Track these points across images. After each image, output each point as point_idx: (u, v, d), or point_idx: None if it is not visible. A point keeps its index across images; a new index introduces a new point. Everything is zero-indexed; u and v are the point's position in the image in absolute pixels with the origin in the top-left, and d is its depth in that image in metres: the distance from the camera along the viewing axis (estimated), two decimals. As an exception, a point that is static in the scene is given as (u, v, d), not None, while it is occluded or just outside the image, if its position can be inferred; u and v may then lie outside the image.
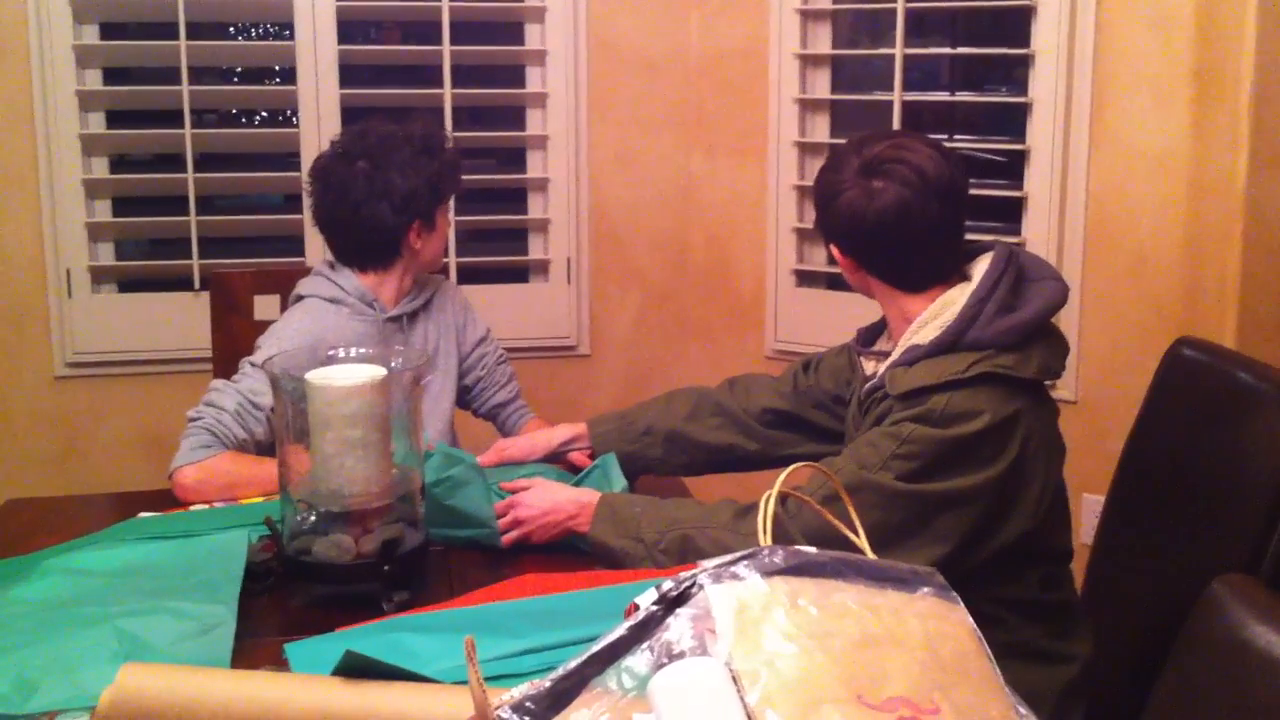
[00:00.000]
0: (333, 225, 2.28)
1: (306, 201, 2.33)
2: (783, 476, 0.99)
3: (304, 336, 2.16)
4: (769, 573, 0.94)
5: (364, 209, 2.22)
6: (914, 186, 1.77)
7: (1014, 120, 3.16)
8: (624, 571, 1.72)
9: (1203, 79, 2.84)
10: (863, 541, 1.03)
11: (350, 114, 3.33)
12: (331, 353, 1.75)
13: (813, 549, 0.94)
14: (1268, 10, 2.62)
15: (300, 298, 2.29)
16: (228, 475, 2.04)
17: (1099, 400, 3.09)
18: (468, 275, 3.47)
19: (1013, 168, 3.17)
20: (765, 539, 0.98)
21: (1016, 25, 3.10)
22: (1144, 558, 1.99)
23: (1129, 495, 2.06)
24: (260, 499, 1.98)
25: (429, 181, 2.27)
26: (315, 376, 1.62)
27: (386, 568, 1.61)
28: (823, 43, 3.43)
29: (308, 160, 3.30)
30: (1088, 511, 3.09)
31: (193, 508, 1.98)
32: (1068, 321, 3.10)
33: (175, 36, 3.19)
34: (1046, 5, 3.02)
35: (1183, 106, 2.89)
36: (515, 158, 3.60)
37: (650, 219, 3.59)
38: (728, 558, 0.92)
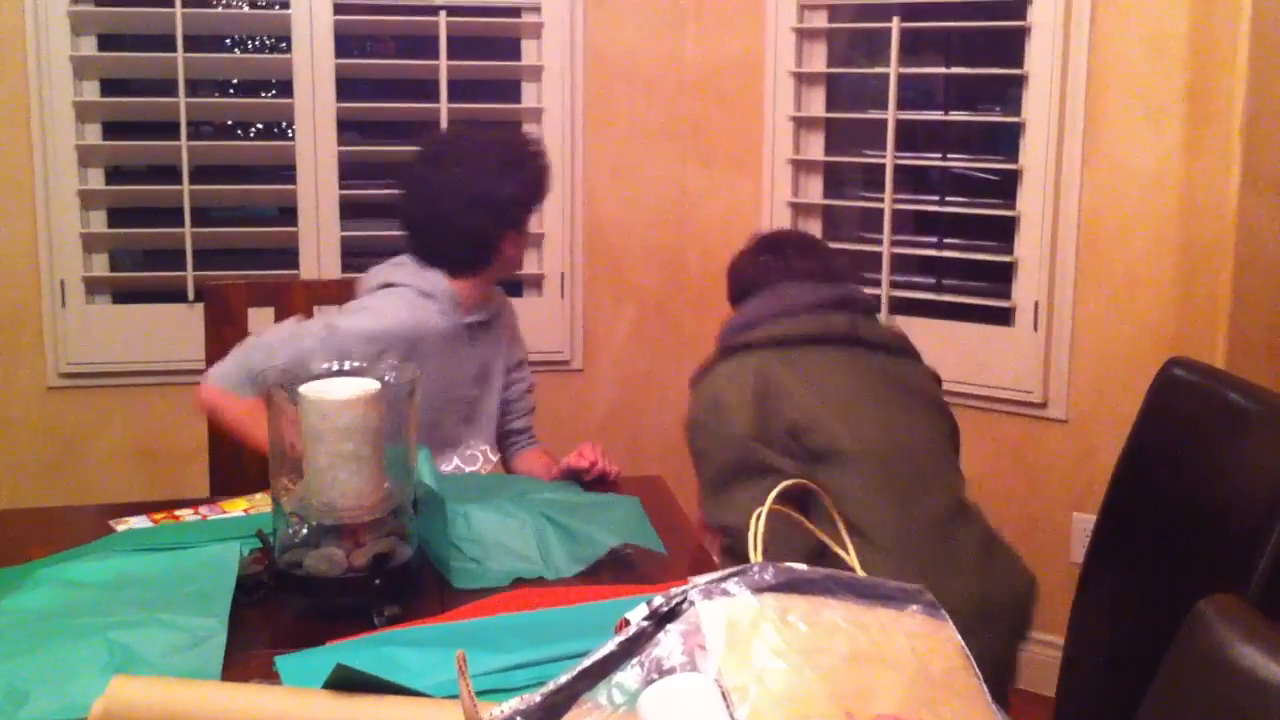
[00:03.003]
0: (425, 231, 2.28)
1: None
2: (773, 495, 1.00)
3: (406, 326, 2.20)
4: (759, 589, 0.94)
5: (462, 217, 2.23)
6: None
7: (1007, 139, 3.17)
8: (614, 587, 1.72)
9: (1195, 99, 2.86)
10: (852, 559, 1.04)
11: (346, 127, 3.35)
12: (325, 366, 1.76)
13: (803, 565, 0.95)
14: (1260, 31, 2.63)
15: (391, 284, 2.28)
16: (237, 420, 2.14)
17: (1090, 419, 3.11)
18: (462, 289, 3.48)
19: (1006, 187, 3.19)
20: (756, 555, 0.98)
21: (1011, 45, 3.12)
22: (1135, 576, 2.00)
23: (1120, 515, 2.06)
24: (244, 508, 1.99)
25: (524, 188, 2.28)
26: (309, 390, 1.62)
27: (377, 581, 1.62)
28: (818, 61, 3.44)
29: (303, 173, 3.32)
30: (1078, 530, 3.10)
31: (184, 519, 1.98)
32: (1060, 340, 3.11)
33: (173, 48, 3.20)
34: (1041, 25, 3.04)
35: (1175, 126, 2.90)
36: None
37: (645, 233, 3.60)
38: (717, 574, 0.93)
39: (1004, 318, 3.22)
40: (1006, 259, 3.18)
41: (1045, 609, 3.20)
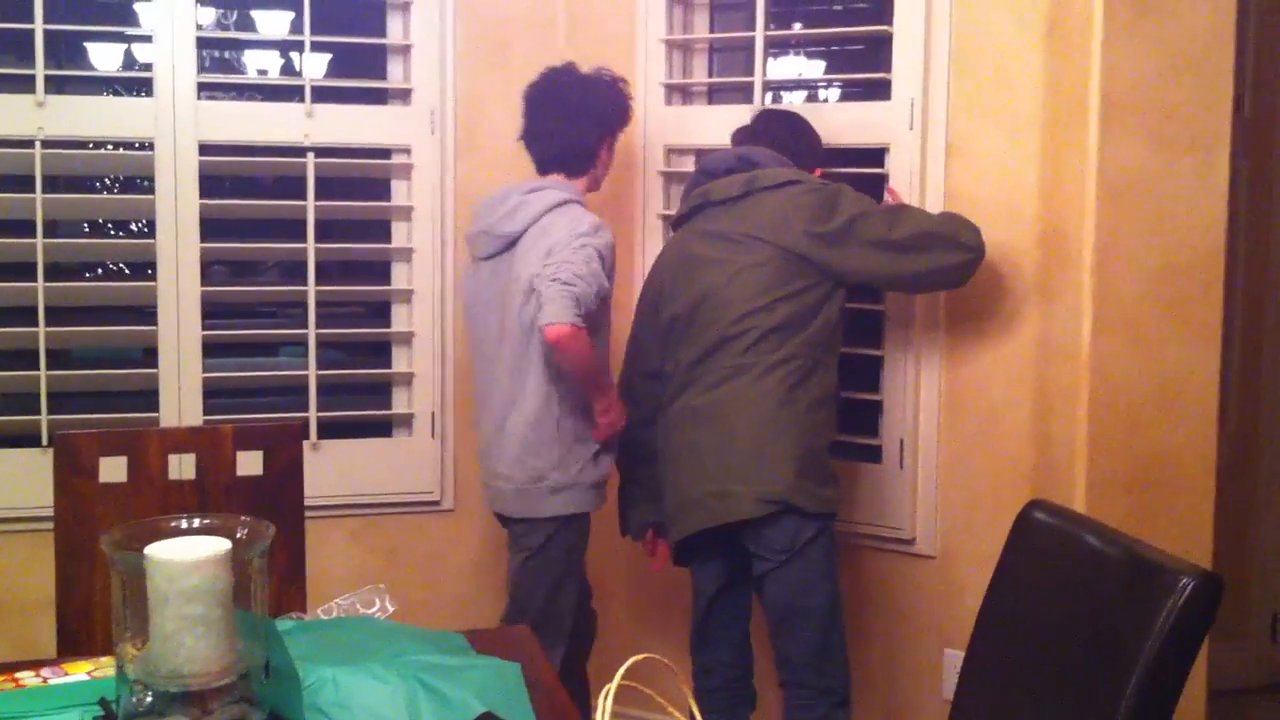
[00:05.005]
0: (549, 133, 3.02)
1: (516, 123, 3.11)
2: (623, 670, 0.98)
3: (610, 231, 2.93)
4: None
5: (576, 120, 2.99)
6: None
7: (875, 293, 3.21)
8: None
9: (1047, 245, 2.95)
10: (706, 733, 1.02)
11: (209, 266, 3.30)
12: (174, 524, 1.70)
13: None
14: (1107, 177, 2.75)
15: (566, 202, 2.96)
16: (589, 351, 2.80)
17: (958, 556, 3.14)
18: (329, 429, 3.42)
19: (873, 334, 3.24)
20: (606, 733, 0.96)
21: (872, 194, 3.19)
22: (1001, 717, 2.00)
23: (986, 654, 2.07)
24: (88, 671, 1.89)
25: (616, 108, 3.05)
26: (155, 551, 1.56)
27: (226, 751, 1.55)
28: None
29: (165, 313, 3.24)
30: (949, 667, 3.11)
31: (24, 682, 1.88)
32: (926, 477, 3.15)
33: (31, 189, 3.14)
34: (898, 175, 3.12)
35: (1030, 271, 2.99)
36: (381, 311, 3.59)
37: (516, 373, 3.58)
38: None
39: (872, 454, 3.26)
40: (873, 397, 3.23)
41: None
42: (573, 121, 2.99)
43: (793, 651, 2.83)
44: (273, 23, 3.50)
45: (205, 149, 3.27)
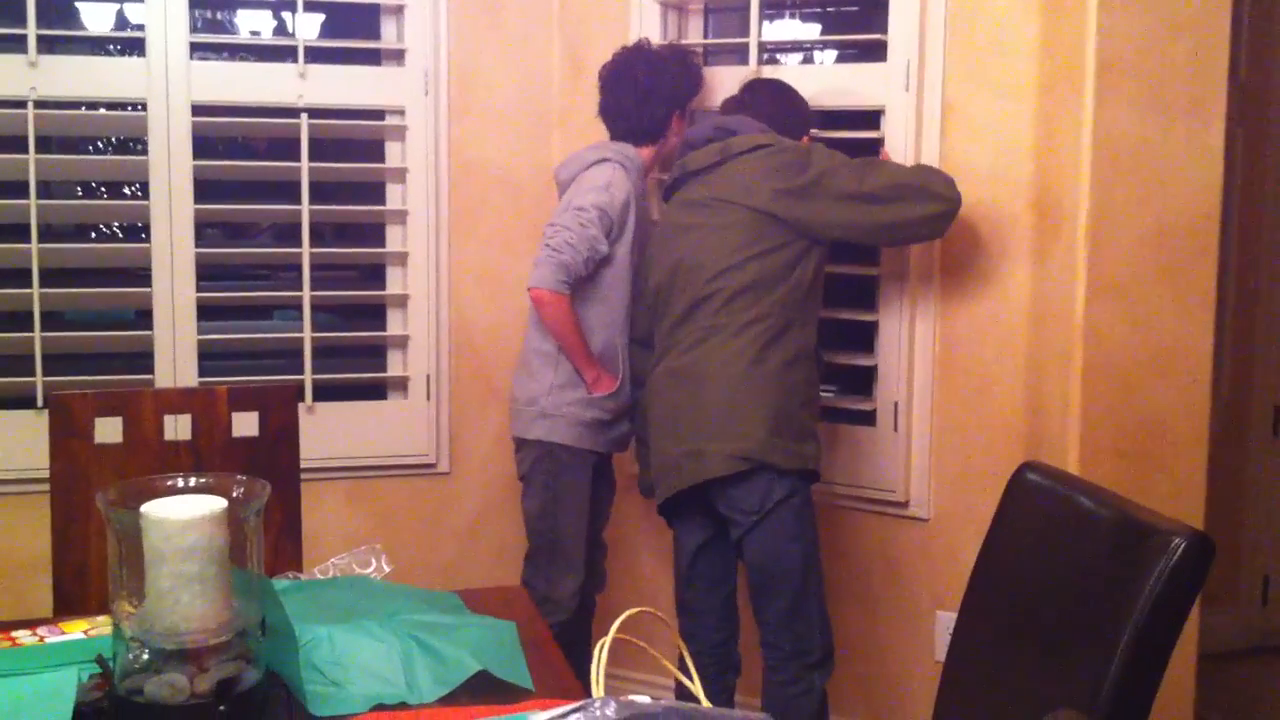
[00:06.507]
0: (623, 111, 3.18)
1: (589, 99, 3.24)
2: (617, 624, 0.99)
3: (630, 190, 3.09)
4: (603, 723, 0.92)
5: (647, 98, 3.14)
6: None
7: (869, 256, 3.21)
8: (470, 708, 1.67)
9: (1041, 209, 2.95)
10: (697, 689, 1.03)
11: (204, 229, 3.29)
12: (170, 482, 1.70)
13: (645, 699, 0.93)
14: (1102, 140, 2.74)
15: (605, 159, 3.12)
16: (569, 318, 3.00)
17: (950, 519, 3.15)
18: (323, 392, 3.42)
19: (867, 298, 3.25)
20: (598, 689, 0.96)
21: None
22: (993, 679, 2.01)
23: (978, 616, 2.08)
24: (84, 630, 1.90)
25: (684, 81, 3.20)
26: (151, 509, 1.56)
27: (222, 708, 1.55)
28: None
29: (159, 276, 3.24)
30: (942, 629, 3.13)
31: (21, 641, 1.89)
32: (920, 441, 3.16)
33: (24, 149, 3.13)
34: (893, 139, 3.12)
35: (1023, 235, 2.99)
36: (375, 274, 3.58)
37: (512, 336, 3.57)
38: (558, 711, 0.91)
39: (867, 418, 3.27)
40: (868, 362, 3.23)
41: (911, 708, 3.23)
42: (642, 100, 3.15)
43: (766, 613, 2.86)
44: (265, -18, 3.49)
45: (198, 110, 3.26)
